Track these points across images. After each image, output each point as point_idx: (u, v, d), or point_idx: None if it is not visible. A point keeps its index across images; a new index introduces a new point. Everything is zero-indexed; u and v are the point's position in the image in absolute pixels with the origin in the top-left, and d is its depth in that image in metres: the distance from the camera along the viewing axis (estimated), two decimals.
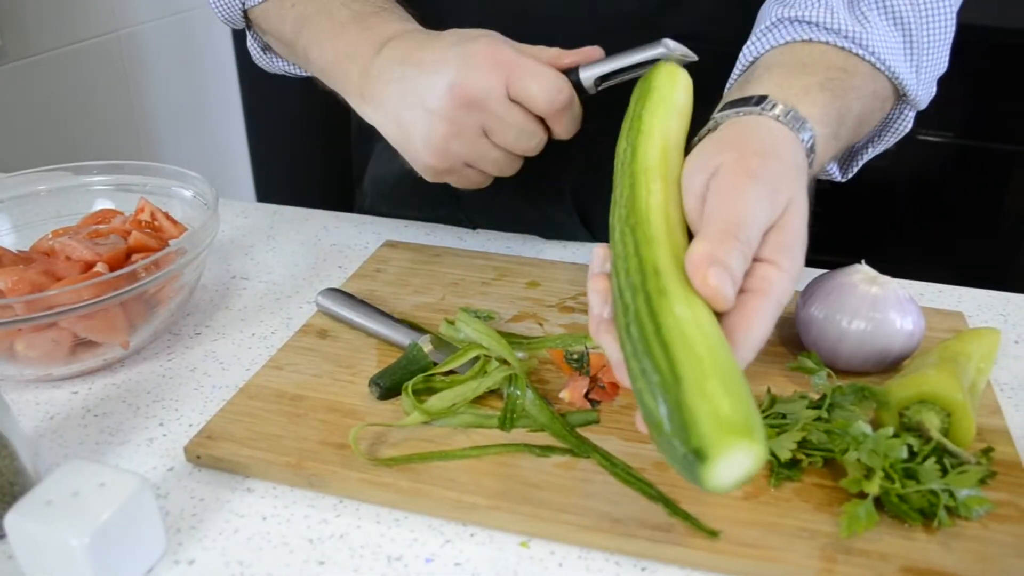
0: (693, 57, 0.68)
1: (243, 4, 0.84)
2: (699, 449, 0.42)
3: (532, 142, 0.71)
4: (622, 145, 0.62)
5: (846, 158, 0.81)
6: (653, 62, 0.68)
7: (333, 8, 0.77)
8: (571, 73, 0.70)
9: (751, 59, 0.71)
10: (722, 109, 0.62)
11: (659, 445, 0.45)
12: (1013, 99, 2.11)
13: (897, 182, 2.22)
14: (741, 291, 0.51)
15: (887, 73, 0.69)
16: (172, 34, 1.83)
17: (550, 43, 0.73)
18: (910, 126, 0.77)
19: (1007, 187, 2.19)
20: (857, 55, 0.67)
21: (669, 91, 0.65)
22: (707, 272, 0.48)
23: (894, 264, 0.80)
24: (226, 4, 0.85)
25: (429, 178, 0.74)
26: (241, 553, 0.56)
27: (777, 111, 0.60)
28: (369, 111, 0.74)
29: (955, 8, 0.71)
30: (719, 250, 0.49)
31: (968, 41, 0.79)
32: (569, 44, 0.72)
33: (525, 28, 0.83)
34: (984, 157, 2.17)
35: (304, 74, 0.88)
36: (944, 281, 0.88)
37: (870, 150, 0.79)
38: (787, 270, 0.52)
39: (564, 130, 0.71)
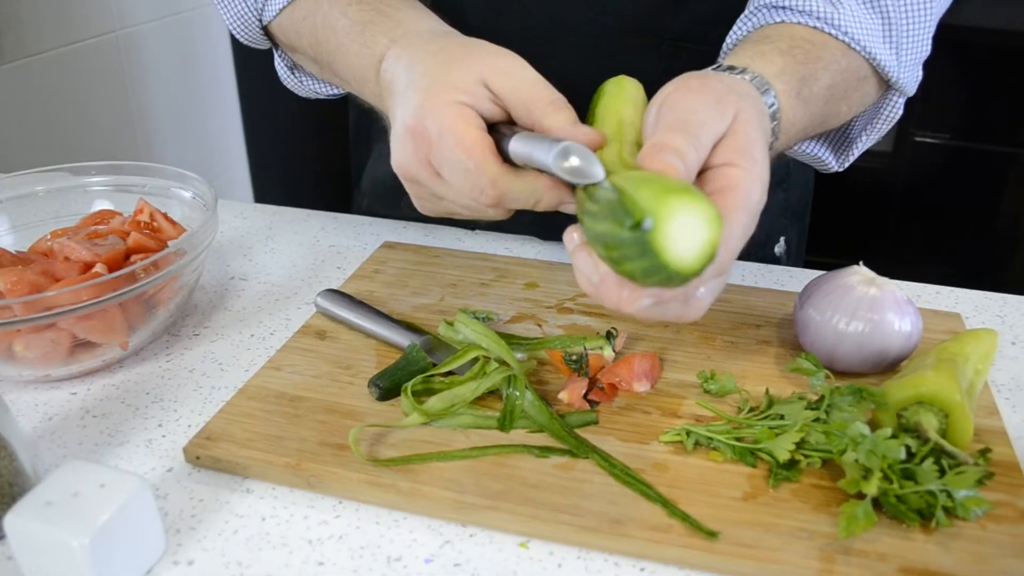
0: (581, 181, 0.55)
1: (260, 20, 0.81)
2: (641, 218, 0.46)
3: (488, 214, 0.62)
4: None
5: (840, 146, 0.82)
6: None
7: (335, 19, 0.74)
8: (502, 137, 0.60)
9: (730, 46, 0.74)
10: None
11: (616, 255, 0.49)
12: (1010, 101, 2.11)
13: (894, 183, 2.23)
14: (710, 195, 0.53)
15: (863, 53, 0.70)
16: (170, 35, 1.83)
17: (552, 46, 0.72)
18: (900, 112, 0.78)
19: (1004, 189, 2.19)
20: (828, 33, 0.69)
21: (620, 89, 0.66)
22: (656, 154, 0.52)
23: (891, 265, 0.80)
24: (243, 21, 0.82)
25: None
26: (240, 554, 0.56)
27: (732, 71, 0.62)
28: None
29: None
30: (667, 139, 0.53)
31: (965, 43, 0.79)
32: (577, 49, 0.72)
33: (534, 33, 0.83)
34: (981, 159, 2.17)
35: (338, 92, 0.86)
36: (941, 282, 0.88)
37: (864, 138, 0.80)
38: (748, 169, 0.54)
39: (529, 202, 0.61)
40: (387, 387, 0.67)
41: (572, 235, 0.56)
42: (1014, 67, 2.06)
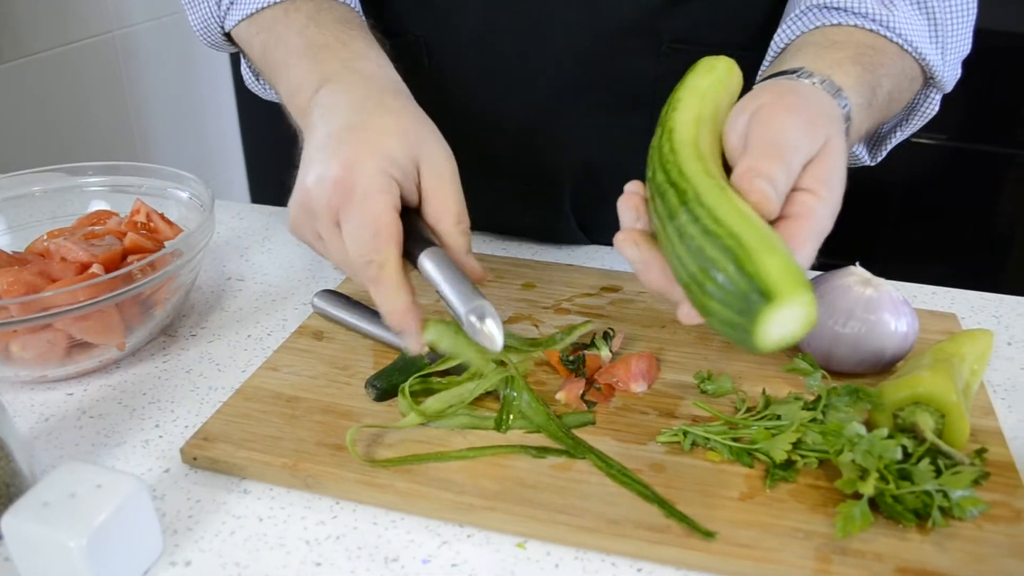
0: (489, 347, 0.58)
1: (222, 27, 0.81)
2: (766, 291, 0.45)
3: (362, 274, 0.60)
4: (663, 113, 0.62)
5: (874, 141, 0.83)
6: (464, 313, 0.58)
7: (290, 37, 0.72)
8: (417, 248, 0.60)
9: (782, 45, 0.73)
10: (759, 83, 0.64)
11: (718, 316, 0.49)
12: (1007, 102, 2.12)
13: (890, 184, 2.23)
14: (782, 218, 0.54)
15: (914, 54, 0.71)
16: (167, 35, 1.83)
17: (550, 47, 0.72)
18: (936, 109, 0.79)
19: (1001, 190, 2.20)
20: (884, 36, 0.70)
21: (712, 71, 0.64)
22: (753, 180, 0.52)
23: (888, 266, 0.80)
24: (206, 27, 0.81)
25: None
26: (238, 554, 0.56)
27: (814, 79, 0.62)
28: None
29: None
30: (762, 165, 0.52)
31: None
32: (568, 48, 0.72)
33: (531, 36, 0.83)
34: (978, 160, 2.17)
35: None
36: (938, 283, 0.88)
37: (898, 134, 0.82)
38: (825, 199, 0.54)
39: (377, 306, 0.61)
40: (384, 388, 0.67)
41: (637, 243, 0.56)
42: (1011, 68, 2.06)
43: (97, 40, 1.63)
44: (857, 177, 0.82)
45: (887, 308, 0.68)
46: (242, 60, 0.88)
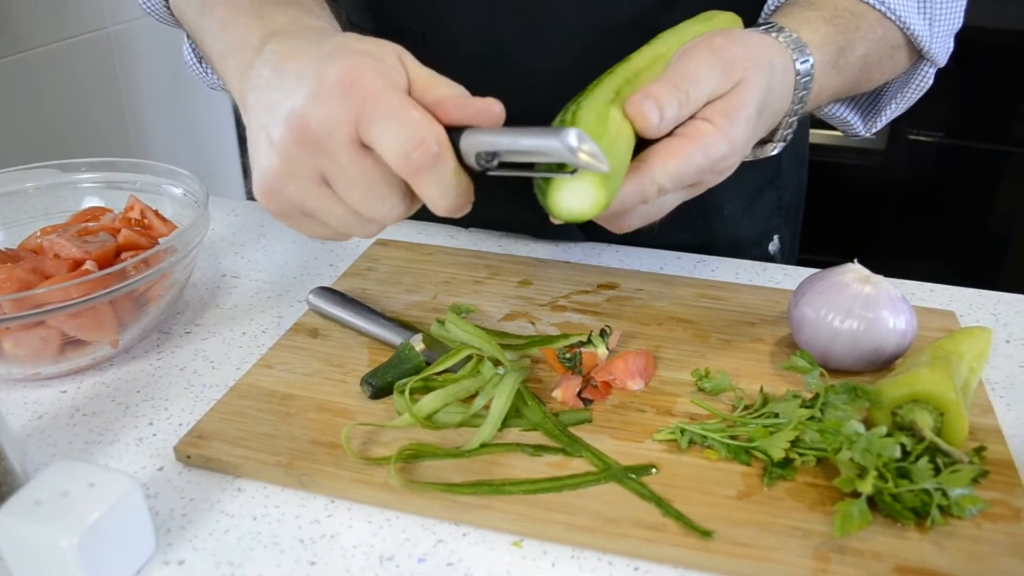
0: (599, 168, 0.50)
1: None
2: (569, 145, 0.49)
3: (384, 208, 0.54)
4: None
5: (869, 111, 0.84)
6: (548, 156, 0.51)
7: None
8: (454, 135, 0.53)
9: (772, 8, 0.75)
10: None
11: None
12: (1003, 100, 2.12)
13: (888, 182, 2.23)
14: (673, 135, 0.58)
15: (897, 22, 0.72)
16: (162, 31, 1.82)
17: (555, 46, 0.72)
18: (930, 82, 0.80)
19: (998, 187, 2.20)
20: (866, 2, 0.71)
21: (690, 27, 0.68)
22: (640, 99, 0.56)
23: (885, 263, 0.80)
24: None
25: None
26: (231, 553, 0.55)
27: (780, 34, 0.65)
28: (245, 118, 0.58)
29: None
30: (655, 89, 0.57)
31: (959, 41, 0.79)
32: (573, 47, 0.72)
33: (529, 32, 0.83)
34: (975, 157, 2.17)
35: None
36: (935, 280, 0.88)
37: (893, 106, 0.82)
38: (721, 128, 0.58)
39: (432, 199, 0.53)
40: (379, 385, 0.67)
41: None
42: (1007, 65, 2.06)
43: (92, 36, 1.62)
44: (855, 175, 0.82)
45: (885, 305, 0.67)
46: (184, 44, 0.85)
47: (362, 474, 0.59)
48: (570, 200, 0.53)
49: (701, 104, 0.58)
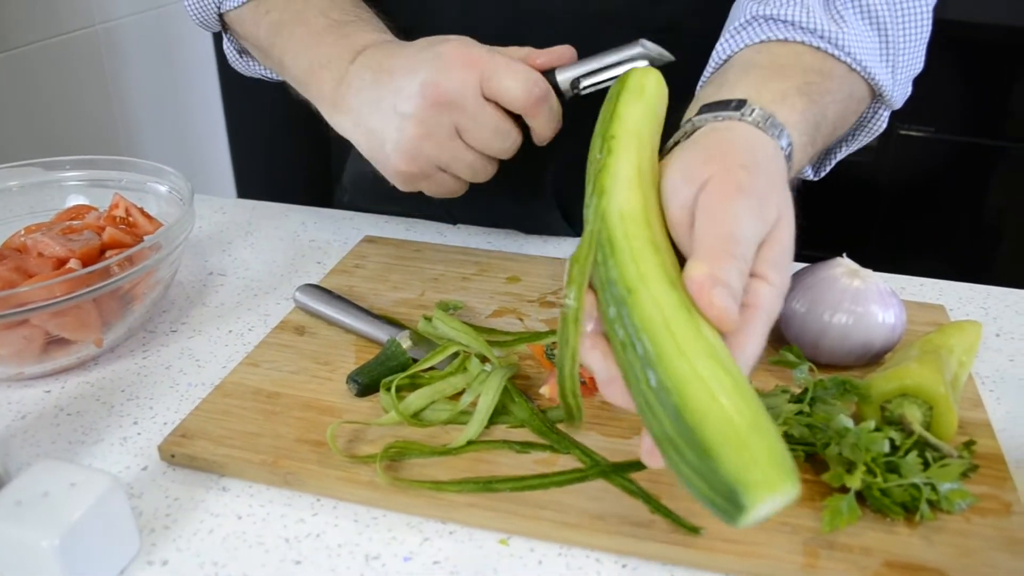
0: (670, 57, 0.67)
1: (218, 8, 0.83)
2: (736, 499, 0.41)
3: (507, 142, 0.69)
4: (595, 147, 0.56)
5: (820, 157, 0.80)
6: (630, 63, 0.68)
7: (309, 16, 0.76)
8: (547, 75, 0.69)
9: (725, 57, 0.69)
10: (699, 113, 0.60)
11: (694, 486, 0.44)
12: (994, 95, 2.12)
13: (879, 177, 2.23)
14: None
15: (863, 74, 0.68)
16: (151, 29, 1.81)
17: (539, 37, 0.72)
18: (884, 125, 0.76)
19: (988, 182, 2.20)
20: (833, 56, 0.66)
21: (643, 93, 0.59)
22: (712, 293, 0.46)
23: (876, 258, 0.80)
24: (201, 8, 0.83)
25: (401, 186, 0.72)
26: (216, 553, 0.55)
27: (755, 116, 0.58)
28: (341, 120, 0.72)
29: (931, 7, 0.70)
30: (718, 269, 0.47)
31: (950, 37, 0.79)
32: (558, 39, 0.71)
33: (513, 23, 0.83)
34: (965, 152, 2.17)
35: (280, 79, 0.87)
36: (926, 275, 0.87)
37: (843, 149, 0.78)
38: (776, 284, 0.50)
39: (543, 127, 0.70)
40: (366, 383, 0.66)
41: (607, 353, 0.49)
42: (999, 61, 2.07)
43: (80, 34, 1.61)
44: (846, 171, 0.81)
45: (875, 300, 0.67)
46: (225, 38, 0.88)
47: (348, 472, 0.59)
48: (762, 515, 0.42)
49: (753, 258, 0.50)
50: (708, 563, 0.53)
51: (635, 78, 0.59)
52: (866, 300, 0.67)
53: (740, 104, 0.59)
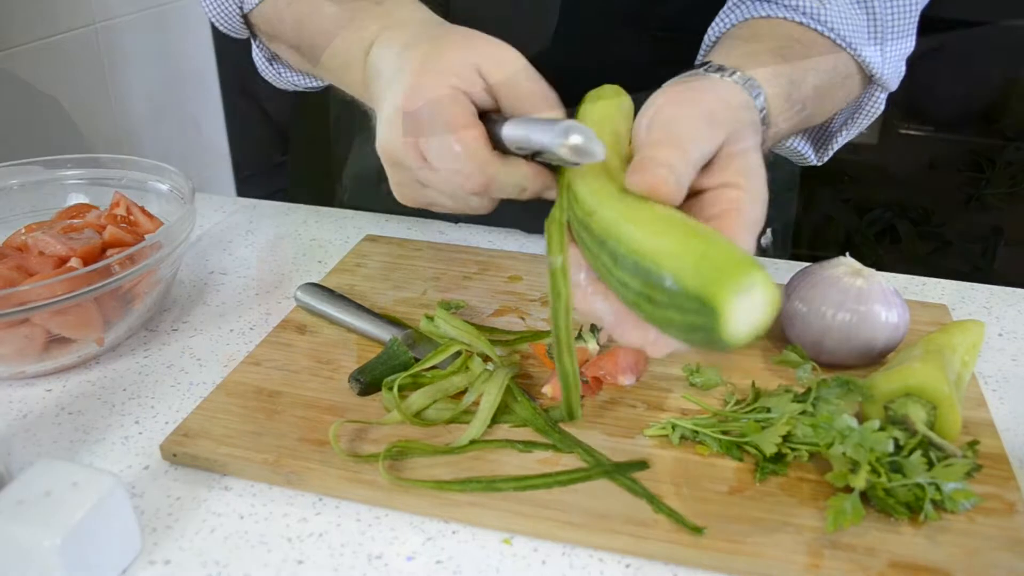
0: (597, 157, 0.53)
1: (241, 7, 0.79)
2: (716, 279, 0.42)
3: (471, 204, 0.61)
4: None
5: (820, 140, 0.81)
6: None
7: (322, 5, 0.71)
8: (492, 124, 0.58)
9: (714, 39, 0.72)
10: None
11: (678, 325, 0.45)
12: (993, 94, 2.12)
13: (879, 176, 2.23)
14: (710, 218, 0.52)
15: (848, 49, 0.69)
16: (151, 27, 1.81)
17: (538, 36, 0.71)
18: (882, 108, 0.77)
19: (988, 180, 2.20)
20: (815, 30, 0.68)
21: (610, 100, 0.62)
22: (647, 169, 0.50)
23: (878, 257, 0.80)
24: (223, 10, 0.79)
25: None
26: (218, 553, 0.54)
27: (724, 73, 0.60)
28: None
29: None
30: (657, 153, 0.51)
31: (950, 35, 0.79)
32: (558, 38, 0.71)
33: (513, 21, 0.82)
34: (965, 151, 2.18)
35: (316, 84, 0.84)
36: (928, 274, 0.87)
37: (844, 133, 0.79)
38: (748, 190, 0.53)
39: (478, 206, 0.61)
40: (368, 382, 0.66)
41: (580, 274, 0.53)
42: (998, 60, 2.06)
43: (79, 33, 1.61)
44: (847, 170, 0.81)
45: (877, 299, 0.67)
46: (254, 46, 0.85)
47: (350, 472, 0.58)
48: (744, 318, 0.43)
49: (700, 165, 0.53)
50: (711, 563, 0.53)
51: (592, 93, 0.62)
52: (869, 299, 0.67)
53: (704, 64, 0.62)
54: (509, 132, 0.56)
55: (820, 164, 0.81)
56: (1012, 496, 0.57)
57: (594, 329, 0.70)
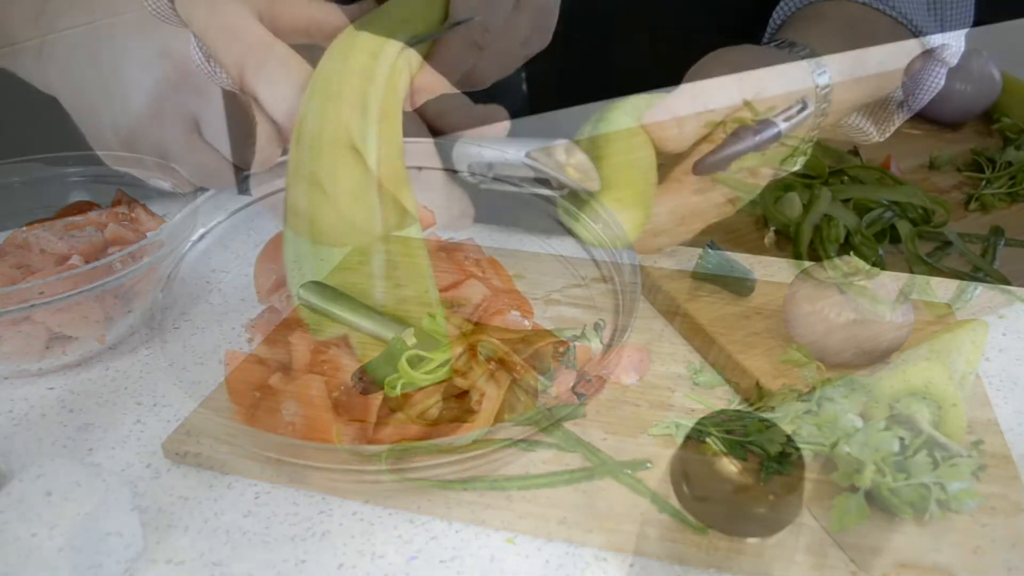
0: (592, 185, 0.60)
1: None
2: None
3: None
4: None
5: (882, 116, 0.82)
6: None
7: None
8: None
9: (779, 22, 0.74)
10: None
11: None
12: (994, 94, 2.12)
13: (880, 175, 2.23)
14: None
15: (909, 26, 0.71)
16: (151, 26, 1.81)
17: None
18: (942, 83, 0.78)
19: (989, 181, 2.20)
20: (878, 9, 0.70)
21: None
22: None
23: (882, 256, 0.80)
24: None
25: None
26: (221, 552, 0.54)
27: (790, 48, 0.64)
28: None
29: None
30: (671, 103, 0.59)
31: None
32: (562, 35, 0.71)
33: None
34: (966, 151, 2.17)
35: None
36: (927, 274, 0.87)
37: (905, 109, 0.81)
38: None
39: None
40: (370, 380, 0.66)
41: None
42: (998, 60, 2.06)
43: (79, 31, 1.61)
44: (847, 168, 0.81)
45: (882, 299, 0.67)
46: (192, 41, 0.83)
47: (353, 471, 0.58)
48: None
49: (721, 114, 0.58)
50: (715, 562, 0.53)
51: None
52: (873, 299, 0.66)
53: (776, 41, 0.66)
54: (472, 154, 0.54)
55: (882, 140, 0.83)
56: (1017, 496, 0.57)
57: (597, 328, 0.70)
